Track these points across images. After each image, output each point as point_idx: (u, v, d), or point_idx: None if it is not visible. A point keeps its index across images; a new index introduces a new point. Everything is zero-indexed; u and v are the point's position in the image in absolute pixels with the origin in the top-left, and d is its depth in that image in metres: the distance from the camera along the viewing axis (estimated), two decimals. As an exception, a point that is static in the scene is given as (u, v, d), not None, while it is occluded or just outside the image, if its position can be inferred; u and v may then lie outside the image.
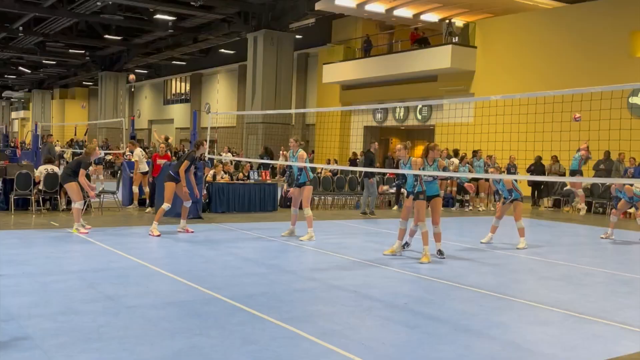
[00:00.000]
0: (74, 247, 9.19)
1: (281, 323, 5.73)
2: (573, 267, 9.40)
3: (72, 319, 5.59)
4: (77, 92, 62.06)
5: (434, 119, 26.19)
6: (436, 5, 25.61)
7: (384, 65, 26.74)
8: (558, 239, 13.03)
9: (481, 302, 6.96)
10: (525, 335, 5.72)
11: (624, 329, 6.02)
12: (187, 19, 33.18)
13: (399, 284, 7.78)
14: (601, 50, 20.62)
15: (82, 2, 29.64)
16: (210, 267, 8.28)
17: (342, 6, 25.67)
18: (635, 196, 12.21)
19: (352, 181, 18.65)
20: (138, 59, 45.92)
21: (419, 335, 5.59)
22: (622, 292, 7.76)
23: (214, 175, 15.62)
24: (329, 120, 29.07)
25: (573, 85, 18.88)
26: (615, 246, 11.92)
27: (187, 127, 45.41)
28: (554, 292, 7.61)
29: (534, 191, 20.69)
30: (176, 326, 5.51)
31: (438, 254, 9.69)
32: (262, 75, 29.56)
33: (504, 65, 23.67)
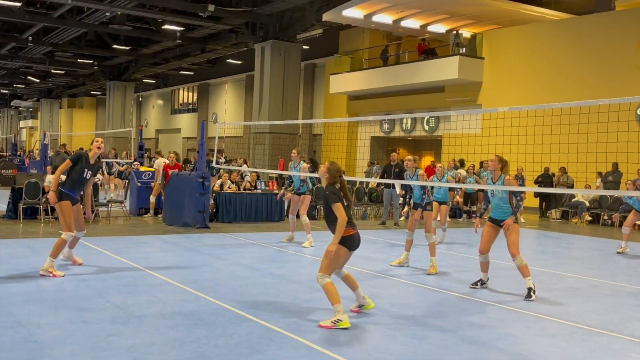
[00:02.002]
0: (82, 257, 9.23)
1: (288, 333, 5.74)
2: (581, 279, 9.37)
3: (81, 328, 5.62)
4: (85, 102, 62.42)
5: (441, 130, 26.18)
6: (443, 17, 25.69)
7: (391, 76, 26.79)
8: (566, 251, 12.99)
9: (489, 313, 6.95)
10: (533, 348, 5.71)
11: (632, 342, 6.01)
12: (195, 29, 33.37)
13: (406, 295, 7.78)
14: (609, 62, 20.60)
15: (91, 12, 29.88)
16: (218, 277, 8.30)
17: (349, 17, 25.78)
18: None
19: (359, 192, 18.66)
20: (146, 69, 46.17)
21: (427, 346, 5.58)
22: (630, 304, 7.72)
23: (221, 185, 15.67)
24: (336, 130, 29.13)
25: (581, 96, 18.89)
26: (623, 258, 11.86)
27: (195, 137, 45.60)
28: (562, 304, 7.58)
29: (541, 202, 20.64)
30: (184, 335, 5.53)
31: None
32: (269, 85, 29.67)
33: (511, 77, 23.67)
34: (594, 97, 16.67)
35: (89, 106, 62.58)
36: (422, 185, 9.74)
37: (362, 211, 18.43)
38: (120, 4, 26.93)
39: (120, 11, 28.56)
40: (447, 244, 12.97)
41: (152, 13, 28.90)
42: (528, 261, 10.91)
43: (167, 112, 54.14)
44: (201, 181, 13.59)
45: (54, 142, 34.17)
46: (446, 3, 23.64)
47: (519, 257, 7.82)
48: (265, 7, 27.79)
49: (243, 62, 39.99)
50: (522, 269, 7.85)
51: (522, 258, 7.85)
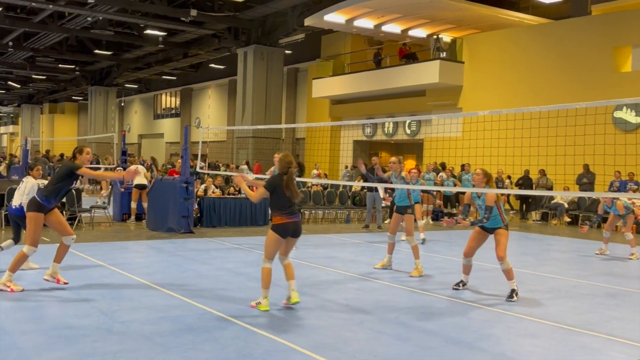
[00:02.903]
0: (65, 263, 9.18)
1: (274, 337, 5.79)
2: (561, 280, 9.52)
3: (66, 334, 5.62)
4: (66, 107, 61.93)
5: (423, 134, 26.38)
6: (424, 21, 25.91)
7: (373, 81, 26.95)
8: (546, 252, 13.16)
9: (472, 315, 7.05)
10: (515, 348, 5.81)
11: (611, 340, 6.13)
12: (177, 34, 33.32)
13: (390, 298, 7.85)
14: (586, 66, 20.93)
15: (72, 17, 29.73)
16: (203, 282, 8.32)
17: (331, 22, 25.91)
18: (626, 209, 12.37)
19: (343, 195, 18.75)
20: (128, 74, 45.97)
21: (411, 348, 5.66)
22: (609, 304, 7.87)
23: (205, 190, 15.69)
24: (318, 134, 29.22)
25: (559, 100, 19.16)
26: (602, 259, 12.05)
27: (177, 142, 45.46)
28: (543, 304, 7.71)
29: (522, 205, 20.87)
30: (170, 341, 5.56)
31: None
32: (252, 90, 29.70)
33: (491, 80, 23.93)
34: (572, 100, 16.94)
35: (71, 111, 62.10)
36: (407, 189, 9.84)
37: (346, 215, 18.52)
38: (102, 9, 26.84)
39: (102, 16, 28.45)
40: (428, 245, 13.09)
41: (134, 18, 28.83)
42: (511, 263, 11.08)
43: (150, 117, 53.92)
44: (185, 186, 13.60)
45: (35, 148, 33.85)
46: (426, 8, 23.84)
47: (506, 261, 7.92)
48: (248, 12, 27.84)
49: (226, 67, 39.97)
50: (508, 272, 7.97)
51: (508, 262, 7.95)
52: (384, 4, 23.74)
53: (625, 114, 19.58)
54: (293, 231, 6.92)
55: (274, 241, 6.89)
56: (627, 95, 15.60)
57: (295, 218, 6.92)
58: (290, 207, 6.88)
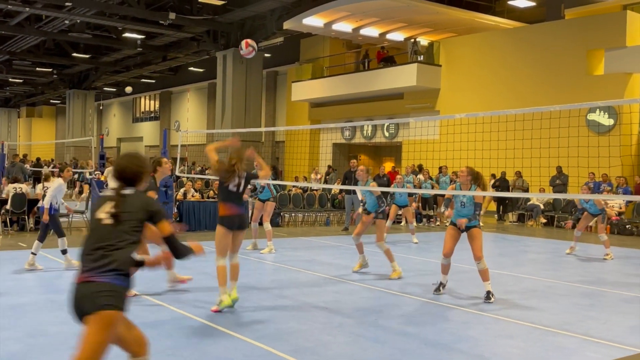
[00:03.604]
0: (43, 268, 9.13)
1: (253, 341, 5.79)
2: (537, 280, 9.63)
3: (42, 342, 5.58)
4: (44, 111, 61.28)
5: (401, 136, 26.53)
6: (401, 25, 26.08)
7: (352, 84, 27.07)
8: (522, 253, 13.30)
9: (450, 316, 7.12)
10: (492, 349, 5.87)
11: (587, 340, 6.23)
12: (156, 37, 33.15)
13: (369, 300, 7.89)
14: (560, 69, 21.23)
15: (49, 20, 29.44)
16: (182, 287, 8.29)
17: (309, 25, 25.97)
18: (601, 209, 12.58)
19: (322, 198, 18.79)
20: (106, 77, 45.60)
21: (390, 350, 5.70)
22: (584, 304, 7.99)
23: (184, 194, 15.63)
24: (298, 137, 29.25)
25: (533, 102, 19.41)
26: (577, 260, 12.21)
27: (157, 145, 45.18)
28: (520, 305, 7.80)
29: (499, 206, 21.09)
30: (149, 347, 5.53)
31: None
32: (231, 93, 29.64)
33: (468, 83, 24.16)
34: (546, 103, 17.17)
35: (49, 115, 61.45)
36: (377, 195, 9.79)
37: (325, 217, 18.56)
38: (80, 12, 26.61)
39: (80, 19, 28.21)
40: (405, 247, 13.18)
41: (112, 21, 28.61)
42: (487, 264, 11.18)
43: (129, 120, 53.56)
44: (164, 190, 13.53)
45: (12, 151, 33.46)
46: (404, 12, 24.01)
47: (483, 261, 8.00)
48: (227, 15, 27.79)
49: (205, 70, 39.85)
50: (483, 273, 8.04)
51: (485, 262, 8.03)
52: (362, 8, 23.86)
53: (598, 116, 19.88)
54: (238, 222, 7.09)
55: (222, 234, 7.11)
56: (600, 97, 15.84)
57: (237, 211, 7.07)
58: (233, 200, 7.07)
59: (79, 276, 3.56)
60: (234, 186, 7.08)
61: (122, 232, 3.60)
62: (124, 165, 3.83)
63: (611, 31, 20.03)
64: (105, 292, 3.45)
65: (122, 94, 52.46)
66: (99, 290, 3.44)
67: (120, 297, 3.51)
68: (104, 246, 3.55)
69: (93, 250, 3.57)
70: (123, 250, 3.57)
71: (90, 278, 3.48)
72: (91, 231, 3.71)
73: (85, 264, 3.56)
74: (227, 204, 7.04)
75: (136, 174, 3.82)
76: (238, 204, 7.09)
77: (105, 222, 3.62)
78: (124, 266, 3.56)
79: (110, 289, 3.47)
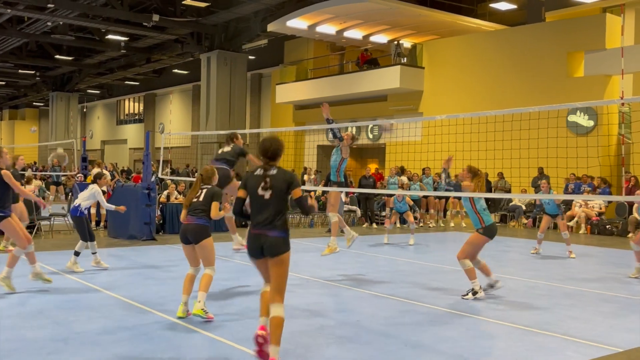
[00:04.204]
0: (22, 272, 9.02)
1: (234, 344, 5.78)
2: (518, 280, 9.69)
3: (20, 347, 5.52)
4: (27, 113, 60.75)
5: (385, 138, 26.62)
6: (385, 27, 26.17)
7: (335, 86, 27.12)
8: (504, 254, 13.37)
9: (431, 317, 7.13)
10: (473, 349, 5.90)
11: (566, 340, 6.27)
12: (139, 39, 32.98)
13: (351, 302, 7.90)
14: (541, 71, 21.42)
15: (31, 22, 29.19)
16: (163, 290, 8.25)
17: (293, 27, 25.99)
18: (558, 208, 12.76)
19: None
20: (90, 79, 45.30)
21: (371, 352, 5.71)
22: (564, 304, 8.04)
23: (167, 196, 15.55)
24: (283, 139, 29.03)
25: (515, 104, 19.57)
26: (557, 260, 12.29)
27: (141, 148, 44.94)
28: (501, 305, 7.83)
29: (481, 207, 21.16)
30: (128, 351, 5.50)
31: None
32: (216, 95, 29.57)
33: (450, 85, 24.30)
34: (527, 104, 17.30)
35: (32, 117, 60.92)
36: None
37: (310, 219, 18.55)
38: (62, 13, 26.41)
39: (62, 21, 28.00)
40: (398, 248, 13.21)
41: (95, 23, 28.44)
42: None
43: (113, 122, 53.24)
44: (147, 192, 13.49)
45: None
46: (387, 14, 24.09)
47: (463, 262, 8.09)
48: (210, 17, 27.73)
49: (189, 72, 39.72)
50: (468, 272, 8.14)
51: (466, 262, 8.10)
52: (345, 11, 23.92)
53: (578, 117, 20.07)
54: (189, 234, 6.74)
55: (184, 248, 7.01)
56: (580, 99, 16.01)
57: (191, 220, 6.73)
58: (191, 211, 6.81)
59: (254, 229, 5.15)
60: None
61: (275, 202, 5.13)
62: (268, 145, 5.36)
63: (591, 34, 20.24)
64: (280, 242, 5.10)
65: (106, 96, 52.18)
66: (276, 243, 5.08)
67: (288, 243, 5.17)
68: (267, 212, 5.12)
69: (260, 214, 5.14)
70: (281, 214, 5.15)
71: (266, 232, 5.10)
72: (253, 202, 5.20)
73: (257, 224, 5.14)
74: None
75: (276, 152, 5.37)
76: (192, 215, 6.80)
77: (263, 196, 5.13)
78: (284, 224, 5.15)
79: (283, 240, 5.13)
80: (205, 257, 6.75)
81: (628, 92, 19.18)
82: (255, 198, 5.17)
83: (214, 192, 6.89)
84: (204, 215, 6.71)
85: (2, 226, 7.81)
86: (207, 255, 6.74)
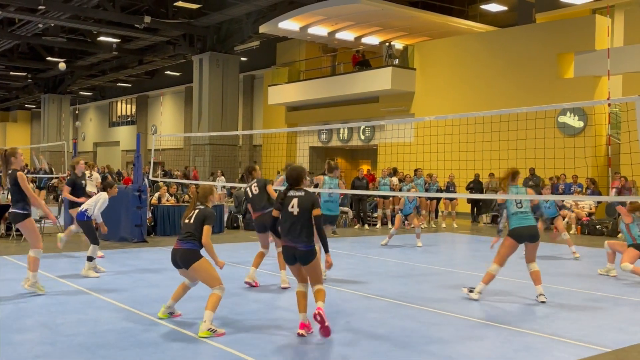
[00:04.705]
0: (10, 275, 9.00)
1: (224, 347, 5.77)
2: (508, 281, 9.71)
3: (7, 350, 5.49)
4: (19, 115, 60.55)
5: (377, 139, 26.66)
6: (377, 29, 26.22)
7: (327, 87, 27.15)
8: (494, 254, 13.37)
9: (420, 318, 7.14)
10: (462, 350, 5.91)
11: (554, 340, 6.29)
12: (131, 41, 32.94)
13: (341, 303, 7.89)
14: (531, 72, 21.51)
15: (22, 24, 29.12)
16: (153, 292, 8.24)
17: (285, 29, 26.01)
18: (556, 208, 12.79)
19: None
20: (82, 81, 45.20)
21: (360, 353, 5.71)
22: (553, 304, 8.07)
23: (159, 198, 15.52)
24: (275, 141, 29.24)
25: (505, 105, 19.64)
26: (547, 260, 12.33)
27: (134, 150, 44.83)
28: (490, 306, 7.87)
29: (473, 208, 21.26)
30: (116, 354, 5.48)
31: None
32: (208, 97, 29.56)
33: (442, 86, 24.36)
34: (518, 105, 17.34)
35: (23, 120, 60.74)
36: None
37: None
38: (54, 15, 26.35)
39: (54, 23, 27.94)
40: (384, 249, 13.22)
41: (86, 24, 28.40)
42: (460, 266, 11.29)
43: (105, 124, 53.10)
44: (138, 194, 13.46)
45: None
46: (378, 16, 24.14)
47: (493, 267, 8.23)
48: (202, 19, 27.73)
49: (182, 74, 39.70)
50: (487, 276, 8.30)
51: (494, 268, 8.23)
52: (337, 12, 23.96)
53: (568, 118, 20.16)
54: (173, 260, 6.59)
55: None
56: (570, 100, 16.06)
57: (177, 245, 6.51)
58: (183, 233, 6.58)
59: (287, 243, 6.20)
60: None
61: (303, 218, 6.14)
62: (296, 174, 6.36)
63: (580, 35, 20.35)
64: (310, 253, 6.12)
65: (98, 98, 52.05)
66: (307, 254, 6.12)
67: (315, 253, 6.18)
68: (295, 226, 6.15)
69: (290, 229, 6.17)
70: (307, 228, 6.14)
71: (296, 246, 6.13)
72: (286, 218, 6.21)
73: (289, 237, 6.17)
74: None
75: (299, 178, 6.37)
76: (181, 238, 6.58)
77: (294, 213, 6.15)
78: (310, 238, 6.15)
79: (312, 251, 6.15)
80: (203, 279, 6.44)
81: (617, 92, 19.29)
82: (286, 215, 6.23)
83: (206, 215, 6.48)
84: (193, 239, 6.39)
85: (23, 225, 7.79)
86: (204, 277, 6.42)
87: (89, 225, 9.55)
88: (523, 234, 8.19)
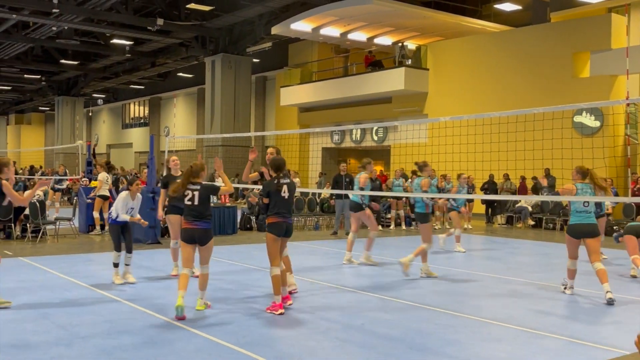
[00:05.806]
0: (27, 277, 9.03)
1: (238, 348, 5.74)
2: (525, 283, 9.63)
3: (24, 352, 5.51)
4: (33, 118, 61.02)
5: (390, 140, 26.57)
6: (389, 29, 26.13)
7: (340, 88, 27.11)
8: (511, 256, 13.31)
9: (436, 320, 7.08)
10: (479, 352, 5.85)
11: (572, 342, 6.22)
12: (144, 43, 33.07)
13: (357, 304, 7.86)
14: (546, 71, 21.34)
15: (37, 27, 29.32)
16: (167, 294, 8.22)
17: (297, 30, 26.00)
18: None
19: (311, 202, 18.75)
20: (95, 83, 45.47)
21: (376, 355, 5.66)
22: (571, 307, 7.98)
23: (172, 200, 15.54)
24: (287, 142, 29.24)
25: (520, 105, 19.49)
26: (563, 262, 12.19)
27: (147, 151, 45.03)
28: (507, 308, 7.79)
29: (487, 209, 21.12)
30: (131, 355, 5.48)
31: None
32: (220, 98, 29.61)
33: (455, 87, 24.24)
34: (532, 105, 17.23)
35: (37, 122, 61.19)
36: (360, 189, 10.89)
37: (315, 221, 18.51)
38: (67, 18, 26.51)
39: (67, 26, 28.12)
40: (403, 252, 13.14)
41: (100, 27, 28.55)
42: (475, 267, 11.19)
43: (118, 126, 53.38)
44: (151, 196, 13.47)
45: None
46: (391, 16, 24.07)
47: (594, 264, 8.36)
48: (215, 20, 27.78)
49: (194, 76, 39.81)
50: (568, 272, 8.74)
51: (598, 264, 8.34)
52: (349, 13, 23.91)
53: (584, 118, 19.98)
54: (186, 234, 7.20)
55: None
56: (586, 100, 15.89)
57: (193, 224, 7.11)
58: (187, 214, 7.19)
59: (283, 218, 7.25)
60: (188, 200, 7.09)
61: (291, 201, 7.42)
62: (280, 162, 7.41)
63: (596, 34, 20.16)
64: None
65: (111, 100, 52.29)
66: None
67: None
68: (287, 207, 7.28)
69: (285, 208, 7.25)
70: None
71: (289, 221, 7.30)
72: (277, 200, 7.22)
73: (283, 214, 7.23)
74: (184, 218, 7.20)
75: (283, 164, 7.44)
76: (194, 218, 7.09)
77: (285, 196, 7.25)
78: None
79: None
80: (206, 256, 7.23)
81: (634, 92, 19.10)
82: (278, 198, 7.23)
83: (208, 190, 7.25)
84: (206, 219, 7.12)
85: None
86: (208, 255, 7.27)
87: (112, 230, 9.16)
88: (581, 231, 8.44)
